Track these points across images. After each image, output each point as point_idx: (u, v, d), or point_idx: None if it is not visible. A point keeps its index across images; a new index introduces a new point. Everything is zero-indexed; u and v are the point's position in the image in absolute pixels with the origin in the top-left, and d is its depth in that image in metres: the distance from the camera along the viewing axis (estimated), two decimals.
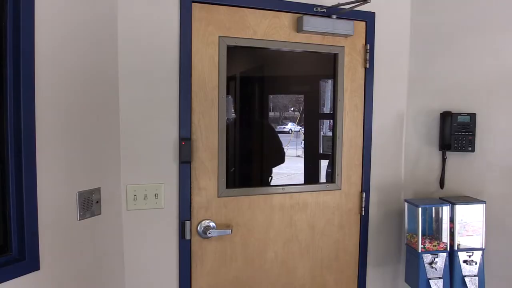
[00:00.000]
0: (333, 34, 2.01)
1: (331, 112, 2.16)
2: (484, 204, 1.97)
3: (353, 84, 2.12)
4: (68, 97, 1.47)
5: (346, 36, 2.05)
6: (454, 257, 1.96)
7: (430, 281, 1.95)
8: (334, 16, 1.99)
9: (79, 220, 1.53)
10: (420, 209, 1.97)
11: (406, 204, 2.08)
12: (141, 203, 1.78)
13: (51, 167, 1.41)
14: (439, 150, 2.12)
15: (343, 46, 2.08)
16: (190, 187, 1.84)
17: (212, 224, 1.88)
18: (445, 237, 1.98)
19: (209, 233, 1.84)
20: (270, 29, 1.93)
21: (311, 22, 1.93)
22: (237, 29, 1.89)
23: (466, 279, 1.96)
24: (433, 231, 2.04)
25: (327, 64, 2.14)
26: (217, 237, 1.91)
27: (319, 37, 2.02)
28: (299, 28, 1.96)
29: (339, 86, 2.09)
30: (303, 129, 2.38)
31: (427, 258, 1.96)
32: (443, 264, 1.96)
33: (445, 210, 1.98)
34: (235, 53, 1.93)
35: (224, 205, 1.92)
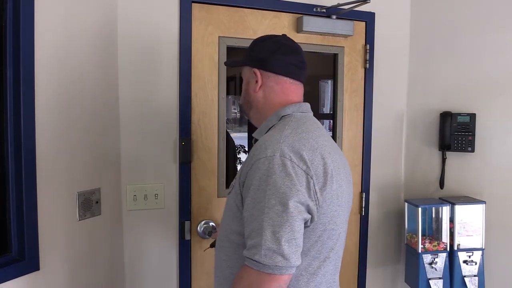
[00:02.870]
0: (333, 34, 2.01)
1: (331, 112, 2.16)
2: (484, 204, 1.97)
3: (353, 84, 2.12)
4: (68, 97, 1.47)
5: (346, 36, 2.05)
6: (454, 257, 1.96)
7: (430, 281, 1.95)
8: (334, 17, 1.99)
9: (79, 220, 1.53)
10: (420, 209, 1.97)
11: (406, 204, 2.08)
12: (141, 203, 1.78)
13: (51, 167, 1.41)
14: (439, 150, 2.12)
15: (343, 46, 2.08)
16: (190, 187, 1.84)
17: (212, 224, 1.87)
18: (445, 237, 1.98)
19: (209, 234, 1.84)
20: (270, 29, 1.93)
21: (311, 23, 1.93)
22: (237, 29, 1.89)
23: (466, 279, 1.96)
24: (433, 231, 2.04)
25: (327, 64, 2.14)
26: None
27: (319, 37, 2.02)
28: (299, 28, 1.96)
29: (339, 86, 2.09)
30: None
31: (427, 258, 1.96)
32: (443, 264, 1.96)
33: (445, 210, 1.98)
34: (235, 53, 1.93)
35: (224, 205, 1.91)
